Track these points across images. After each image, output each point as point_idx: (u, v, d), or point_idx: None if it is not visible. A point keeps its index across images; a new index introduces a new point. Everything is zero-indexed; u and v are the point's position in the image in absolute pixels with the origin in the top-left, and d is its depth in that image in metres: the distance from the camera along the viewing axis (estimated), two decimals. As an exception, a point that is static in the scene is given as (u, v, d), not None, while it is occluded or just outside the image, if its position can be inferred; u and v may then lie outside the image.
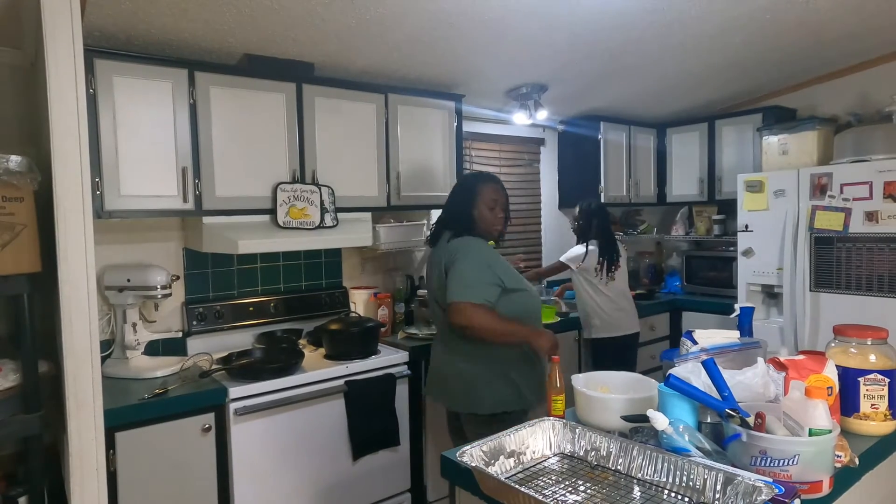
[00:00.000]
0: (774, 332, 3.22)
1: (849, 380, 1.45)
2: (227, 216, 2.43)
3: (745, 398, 1.32)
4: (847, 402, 1.45)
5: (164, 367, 2.34)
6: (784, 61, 3.33)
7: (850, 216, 2.96)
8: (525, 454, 1.37)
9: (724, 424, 1.27)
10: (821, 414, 1.17)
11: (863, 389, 1.44)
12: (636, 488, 1.23)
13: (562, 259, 3.30)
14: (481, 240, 2.15)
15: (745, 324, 1.88)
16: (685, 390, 1.32)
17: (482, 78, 3.15)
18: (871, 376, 1.44)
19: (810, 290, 3.13)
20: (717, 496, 1.12)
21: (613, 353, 3.15)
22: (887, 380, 1.43)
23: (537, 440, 1.40)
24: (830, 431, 1.16)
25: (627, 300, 3.25)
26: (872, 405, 1.44)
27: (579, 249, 3.23)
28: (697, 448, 1.23)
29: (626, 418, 1.58)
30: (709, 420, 1.38)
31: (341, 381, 2.43)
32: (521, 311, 2.08)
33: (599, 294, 3.17)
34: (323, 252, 3.08)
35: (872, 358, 1.45)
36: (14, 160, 1.66)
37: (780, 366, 1.37)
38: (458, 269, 2.02)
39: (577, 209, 3.36)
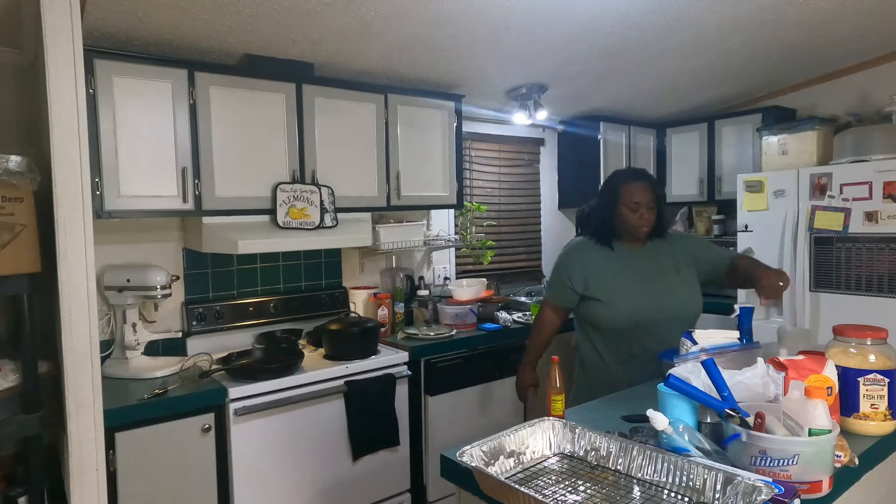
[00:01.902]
0: (774, 333, 3.22)
1: (848, 380, 1.45)
2: (226, 216, 2.43)
3: (745, 398, 1.32)
4: (847, 402, 1.45)
5: (164, 367, 2.34)
6: (784, 61, 3.33)
7: (849, 216, 2.96)
8: (525, 454, 1.37)
9: (724, 424, 1.27)
10: (820, 414, 1.17)
11: (862, 389, 1.44)
12: (636, 488, 1.23)
13: None
14: (585, 242, 2.17)
15: (744, 324, 1.88)
16: (685, 390, 1.32)
17: (482, 78, 3.15)
18: (871, 376, 1.44)
19: (810, 291, 3.13)
20: (717, 496, 1.12)
21: None
22: (887, 380, 1.43)
23: (537, 440, 1.39)
24: (830, 431, 1.16)
25: None
26: (872, 405, 1.44)
27: None
28: (697, 448, 1.23)
29: (626, 418, 1.58)
30: (708, 420, 1.38)
31: (341, 382, 2.43)
32: (595, 320, 2.10)
33: None
34: (323, 252, 3.09)
35: (872, 358, 1.45)
36: (14, 160, 1.66)
37: (780, 366, 1.37)
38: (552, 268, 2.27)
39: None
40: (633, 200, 2.05)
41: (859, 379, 1.45)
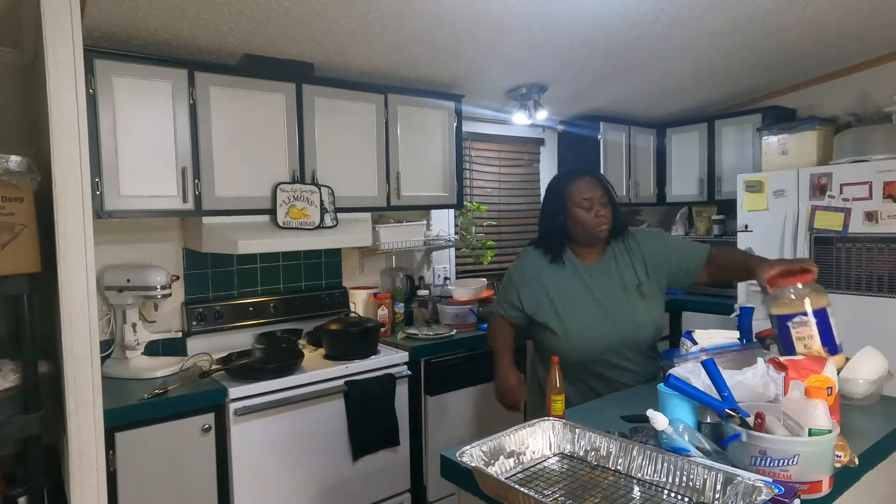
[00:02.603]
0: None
1: (782, 328, 1.46)
2: (226, 216, 2.43)
3: (745, 398, 1.32)
4: (787, 350, 1.47)
5: (164, 367, 2.34)
6: (784, 61, 3.33)
7: (849, 216, 2.96)
8: (525, 454, 1.37)
9: (724, 424, 1.27)
10: (820, 414, 1.17)
11: (793, 333, 1.44)
12: (636, 488, 1.23)
13: None
14: (537, 257, 1.94)
15: (745, 324, 1.88)
16: (685, 390, 1.32)
17: (482, 78, 3.15)
18: (797, 319, 1.44)
19: (810, 290, 3.13)
20: (717, 496, 1.12)
21: None
22: (813, 319, 1.43)
23: (537, 440, 1.39)
24: (830, 431, 1.16)
25: None
26: (805, 346, 1.44)
27: None
28: (697, 448, 1.23)
29: (626, 418, 1.58)
30: (709, 420, 1.38)
31: (341, 382, 2.43)
32: (546, 348, 1.92)
33: None
34: (323, 252, 3.09)
35: (807, 302, 1.46)
36: (14, 160, 1.66)
37: (780, 366, 1.37)
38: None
39: None
40: (584, 197, 1.83)
41: (788, 324, 1.45)
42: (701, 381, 1.36)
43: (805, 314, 1.43)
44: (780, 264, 1.60)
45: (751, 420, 1.22)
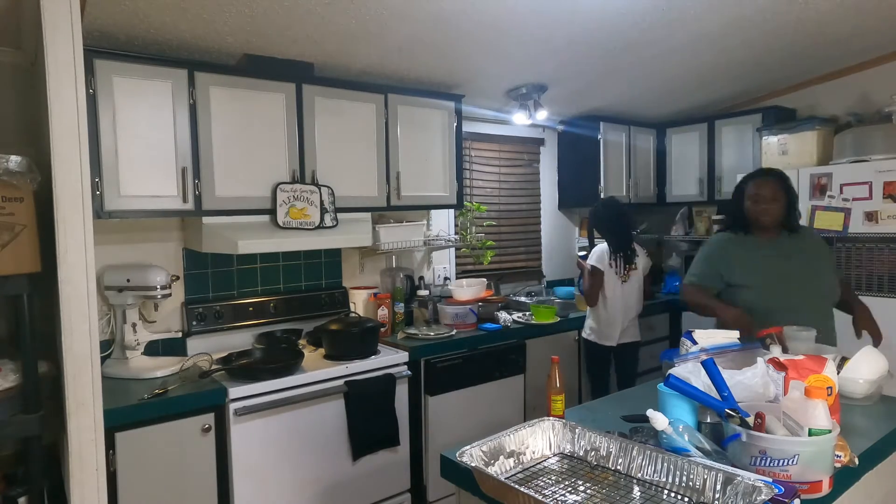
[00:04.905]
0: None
1: None
2: (226, 216, 2.43)
3: (745, 398, 1.32)
4: None
5: (164, 367, 2.34)
6: (784, 61, 3.33)
7: (849, 216, 2.96)
8: (525, 454, 1.37)
9: (724, 424, 1.27)
10: (820, 414, 1.17)
11: None
12: (636, 488, 1.23)
13: (592, 264, 3.11)
14: (723, 236, 2.42)
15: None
16: (685, 390, 1.32)
17: (482, 78, 3.15)
18: None
19: (810, 290, 3.12)
20: (717, 496, 1.12)
21: (605, 359, 3.18)
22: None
23: (537, 440, 1.39)
24: (830, 431, 1.16)
25: (629, 312, 3.15)
26: None
27: (600, 248, 3.14)
28: (697, 448, 1.23)
29: (626, 418, 1.58)
30: (709, 420, 1.38)
31: (341, 382, 2.43)
32: (743, 305, 2.23)
33: (608, 297, 3.10)
34: (323, 252, 3.08)
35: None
36: (14, 160, 1.66)
37: (780, 366, 1.37)
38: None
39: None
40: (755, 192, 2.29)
41: None
42: (701, 381, 1.36)
43: None
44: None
45: (751, 420, 1.22)
